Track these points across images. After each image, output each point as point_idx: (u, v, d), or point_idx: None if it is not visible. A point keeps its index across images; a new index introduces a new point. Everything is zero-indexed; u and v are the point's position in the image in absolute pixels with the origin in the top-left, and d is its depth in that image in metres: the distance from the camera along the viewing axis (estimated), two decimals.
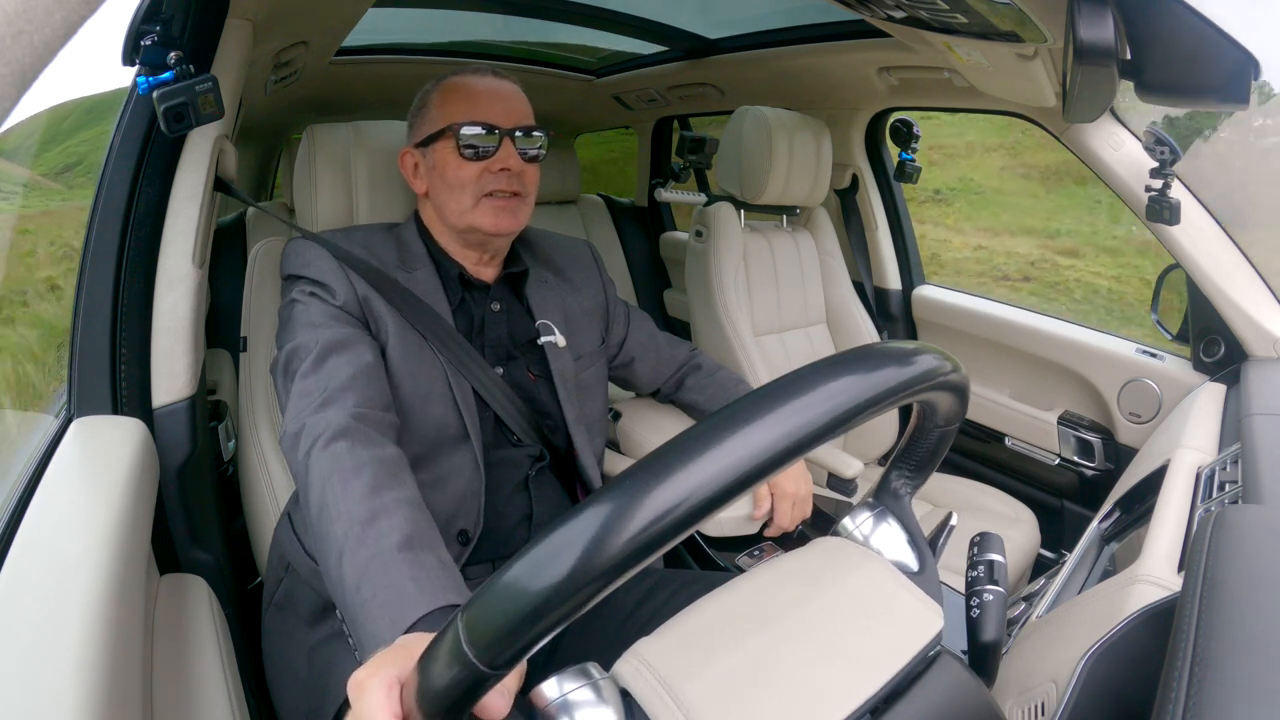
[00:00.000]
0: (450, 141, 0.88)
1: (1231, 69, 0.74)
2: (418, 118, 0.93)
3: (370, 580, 0.61)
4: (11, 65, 0.23)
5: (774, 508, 0.99)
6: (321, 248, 0.87)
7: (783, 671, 0.40)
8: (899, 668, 0.41)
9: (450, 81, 0.91)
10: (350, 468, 0.69)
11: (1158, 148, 1.19)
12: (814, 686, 0.39)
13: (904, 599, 0.45)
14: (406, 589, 0.59)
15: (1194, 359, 1.34)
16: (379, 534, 0.64)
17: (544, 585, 0.28)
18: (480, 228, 0.89)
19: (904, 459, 0.52)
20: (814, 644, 0.41)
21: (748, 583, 0.46)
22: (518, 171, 0.89)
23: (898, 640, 0.43)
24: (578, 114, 2.34)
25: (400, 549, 0.62)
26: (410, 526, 0.65)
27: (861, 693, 0.39)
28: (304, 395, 0.77)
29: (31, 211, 2.12)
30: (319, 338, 0.80)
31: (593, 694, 0.37)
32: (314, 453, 0.71)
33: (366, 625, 0.59)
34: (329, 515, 0.67)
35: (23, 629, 0.50)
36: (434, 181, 0.91)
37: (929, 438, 0.49)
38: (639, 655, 0.40)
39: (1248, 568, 0.44)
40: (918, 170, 1.78)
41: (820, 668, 0.40)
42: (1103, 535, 0.94)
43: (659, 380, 1.15)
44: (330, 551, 0.65)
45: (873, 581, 0.47)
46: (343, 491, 0.67)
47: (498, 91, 0.90)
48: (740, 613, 0.43)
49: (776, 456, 0.30)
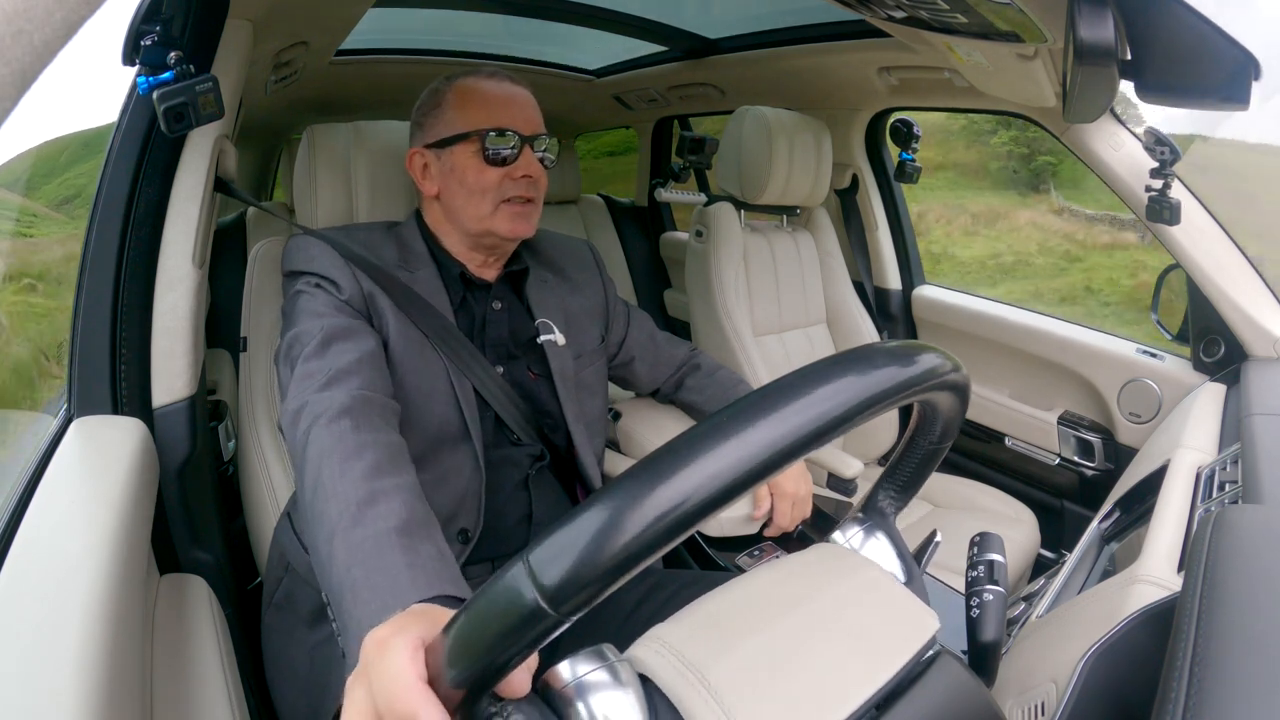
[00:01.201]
0: (473, 146, 0.87)
1: (1231, 69, 0.74)
2: (429, 118, 0.92)
3: (363, 563, 0.58)
4: (11, 65, 0.23)
5: (773, 508, 0.99)
6: (325, 244, 0.87)
7: (800, 658, 0.40)
8: (909, 657, 0.42)
9: (465, 84, 0.90)
10: (352, 448, 0.67)
11: (1158, 148, 1.20)
12: (832, 673, 0.39)
13: (903, 601, 0.46)
14: (400, 575, 0.56)
15: (1194, 359, 1.34)
16: (376, 516, 0.61)
17: (626, 527, 0.28)
18: (498, 232, 0.89)
19: (891, 477, 0.54)
20: (826, 635, 0.42)
21: (751, 580, 0.46)
22: (536, 178, 0.90)
23: (903, 634, 0.43)
24: (578, 114, 2.35)
25: (398, 533, 0.59)
26: (409, 513, 0.62)
27: (876, 680, 0.39)
28: (307, 377, 0.74)
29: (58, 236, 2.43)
30: (323, 325, 0.79)
31: (609, 675, 0.36)
32: (314, 430, 0.68)
33: (353, 609, 0.56)
34: (324, 493, 0.64)
35: (23, 629, 0.51)
36: (449, 185, 0.90)
37: (923, 444, 0.50)
38: (658, 639, 0.40)
39: (1248, 568, 0.44)
40: (918, 170, 1.78)
41: (835, 656, 0.40)
42: (1103, 535, 0.94)
43: (658, 380, 1.15)
44: (322, 530, 0.62)
45: (874, 583, 0.47)
46: (341, 471, 0.65)
47: (516, 98, 0.90)
48: (750, 605, 0.44)
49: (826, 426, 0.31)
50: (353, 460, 0.65)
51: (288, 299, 0.87)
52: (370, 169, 1.05)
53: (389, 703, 0.35)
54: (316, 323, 0.80)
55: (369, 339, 0.81)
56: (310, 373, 0.75)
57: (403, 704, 0.34)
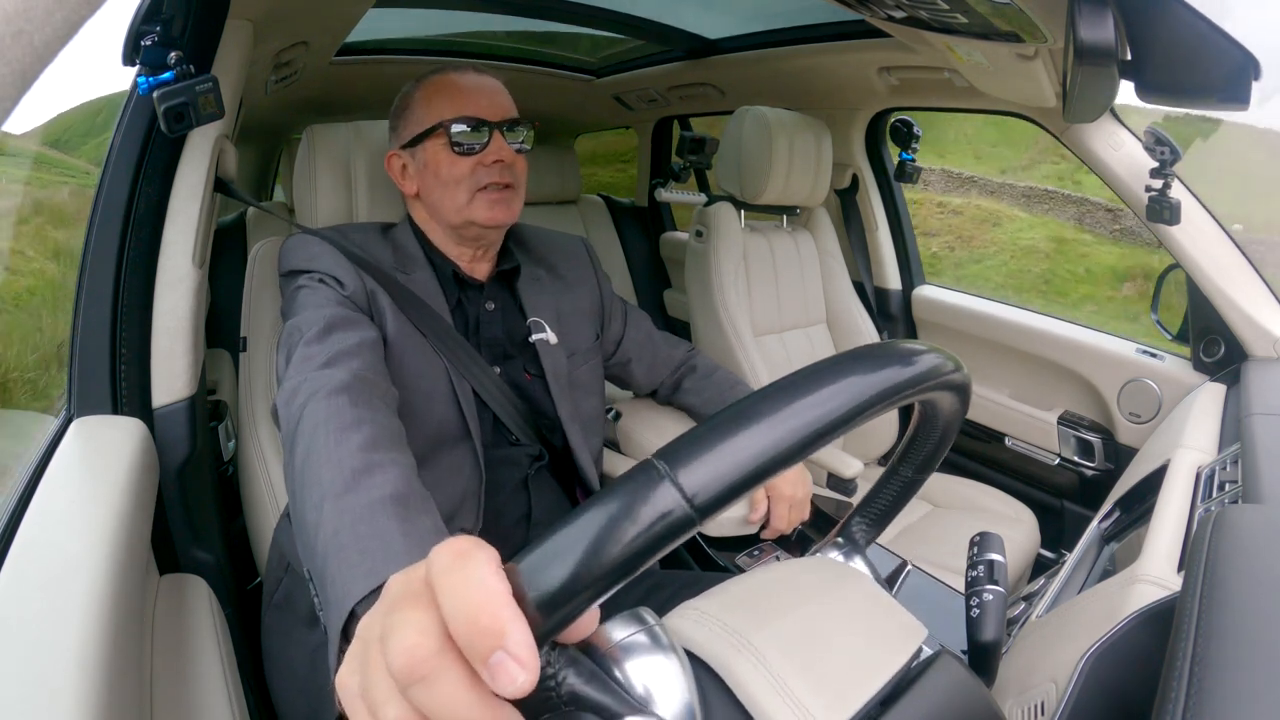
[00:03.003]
0: (441, 139, 0.88)
1: (1231, 69, 0.74)
2: (400, 119, 0.93)
3: (353, 527, 0.53)
4: (12, 65, 0.23)
5: (770, 511, 0.98)
6: (326, 243, 0.87)
7: (826, 637, 0.41)
8: (916, 645, 0.43)
9: (431, 81, 0.91)
10: (350, 421, 0.63)
11: (1158, 148, 1.20)
12: (859, 655, 0.40)
13: (895, 606, 0.48)
14: (394, 542, 0.52)
15: (1194, 359, 1.34)
16: (372, 485, 0.56)
17: (764, 436, 0.29)
18: (477, 221, 0.89)
19: (865, 510, 0.56)
20: (844, 620, 0.43)
21: (756, 575, 0.47)
22: (509, 163, 0.89)
23: (902, 634, 0.44)
24: (578, 114, 2.35)
25: (393, 502, 0.55)
26: (407, 487, 0.58)
27: (893, 665, 0.41)
28: (306, 360, 0.72)
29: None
30: (325, 314, 0.78)
31: (649, 639, 0.36)
32: (311, 403, 0.65)
33: (338, 574, 0.50)
34: (317, 460, 0.60)
35: (22, 629, 0.50)
36: (426, 180, 0.91)
37: (902, 474, 0.52)
38: (695, 609, 0.41)
39: (1248, 568, 0.44)
40: (918, 170, 1.78)
41: (855, 644, 0.42)
42: (1103, 535, 0.94)
43: (656, 381, 1.15)
44: (310, 497, 0.57)
45: (869, 588, 0.48)
46: (338, 440, 0.61)
47: (482, 86, 0.91)
48: (766, 593, 0.45)
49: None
50: (350, 432, 0.62)
51: (288, 296, 0.87)
52: (370, 169, 1.05)
53: (471, 619, 0.26)
54: (319, 312, 0.79)
55: (371, 329, 0.81)
56: (310, 355, 0.73)
57: (490, 620, 0.26)
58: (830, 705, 0.37)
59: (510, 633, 0.25)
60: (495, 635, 0.25)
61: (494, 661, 0.25)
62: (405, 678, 0.26)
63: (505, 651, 0.25)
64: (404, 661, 0.26)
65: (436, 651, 0.26)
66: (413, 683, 0.26)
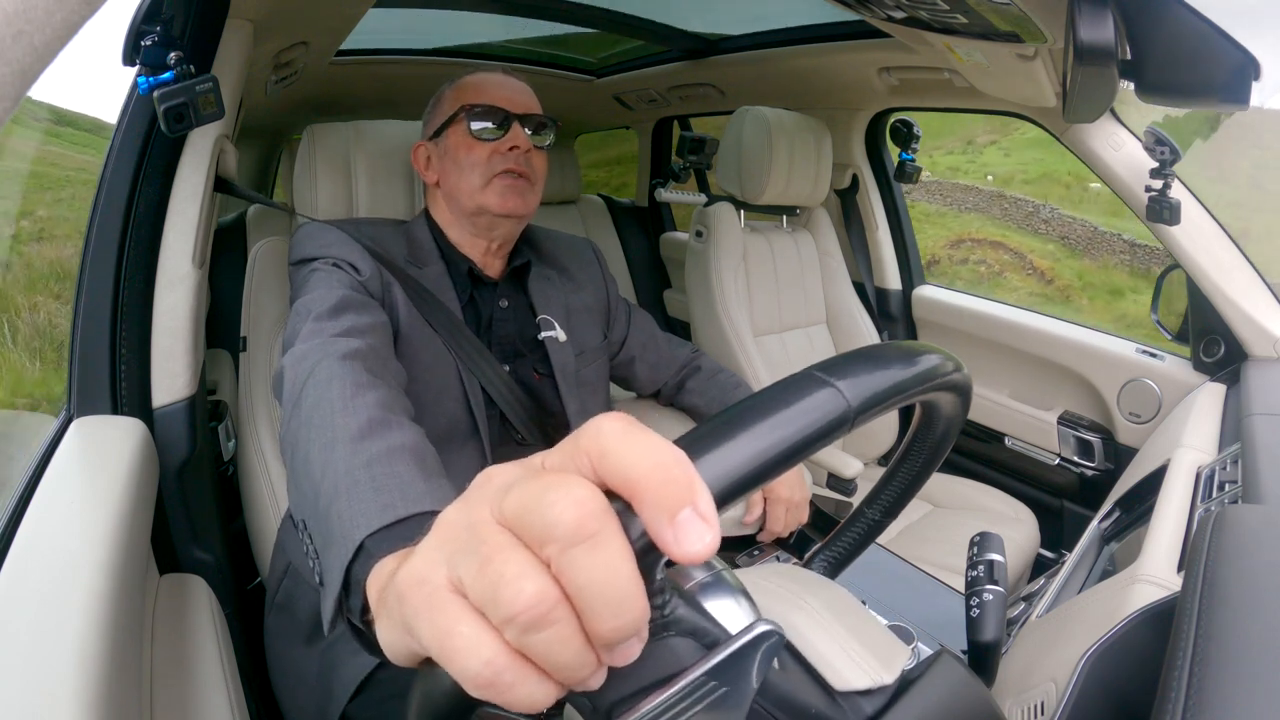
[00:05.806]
0: (461, 125, 0.90)
1: (1231, 69, 0.74)
2: (432, 114, 0.96)
3: (368, 466, 0.49)
4: (12, 65, 0.23)
5: (767, 513, 0.97)
6: (341, 231, 0.87)
7: (857, 613, 0.43)
8: (908, 649, 0.44)
9: (465, 78, 0.94)
10: (365, 381, 0.61)
11: (1158, 148, 1.19)
12: (882, 632, 0.42)
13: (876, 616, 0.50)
14: (415, 484, 0.48)
15: (1194, 359, 1.34)
16: (390, 435, 0.54)
17: (917, 363, 0.35)
18: (489, 208, 0.90)
19: (824, 554, 0.57)
20: (857, 608, 0.45)
21: (765, 568, 0.48)
22: (526, 151, 0.90)
23: (890, 637, 0.45)
24: (578, 114, 2.34)
25: (412, 454, 0.52)
26: (422, 446, 0.55)
27: (903, 654, 0.42)
28: (318, 330, 0.70)
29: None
30: (338, 294, 0.77)
31: (718, 581, 0.34)
32: (325, 362, 0.63)
33: (347, 509, 0.46)
34: (329, 408, 0.57)
35: (22, 629, 0.50)
36: (445, 167, 0.92)
37: (868, 515, 0.54)
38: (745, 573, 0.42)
39: (1248, 568, 0.44)
40: (918, 170, 1.78)
41: (874, 625, 0.43)
42: (1103, 535, 0.94)
43: (659, 381, 1.15)
44: (319, 438, 0.54)
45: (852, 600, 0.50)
46: (354, 393, 0.58)
47: (507, 83, 0.94)
48: (789, 576, 0.46)
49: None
50: (365, 390, 0.59)
51: (299, 280, 0.84)
52: (370, 169, 1.05)
53: (664, 468, 0.22)
54: (332, 292, 0.77)
55: (383, 315, 0.80)
56: (322, 328, 0.71)
57: (684, 473, 0.22)
58: (885, 663, 0.39)
59: (701, 490, 0.22)
60: (688, 489, 0.22)
61: (683, 518, 0.22)
62: (573, 535, 0.21)
63: (694, 510, 0.22)
64: (575, 514, 0.21)
65: (606, 509, 0.22)
66: (579, 541, 0.21)
